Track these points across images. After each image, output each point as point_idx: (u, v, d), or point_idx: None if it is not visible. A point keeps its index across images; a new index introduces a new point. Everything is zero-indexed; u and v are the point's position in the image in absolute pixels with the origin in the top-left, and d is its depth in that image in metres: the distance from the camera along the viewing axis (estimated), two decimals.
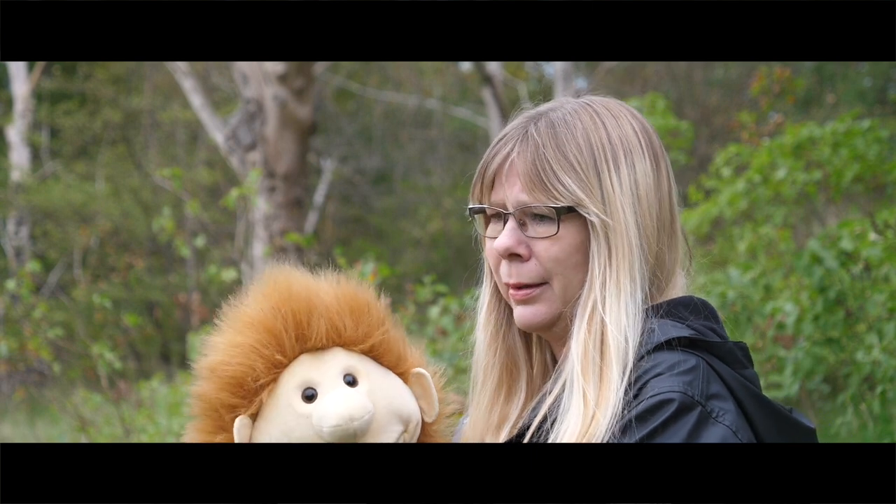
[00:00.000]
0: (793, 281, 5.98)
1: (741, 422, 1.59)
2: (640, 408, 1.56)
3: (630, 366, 1.63)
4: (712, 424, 1.56)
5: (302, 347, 1.72)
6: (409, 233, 19.67)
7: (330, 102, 19.12)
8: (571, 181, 1.67)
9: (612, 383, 1.62)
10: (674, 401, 1.55)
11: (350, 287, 1.79)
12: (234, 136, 10.24)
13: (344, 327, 1.74)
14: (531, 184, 1.69)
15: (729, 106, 15.73)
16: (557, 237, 1.69)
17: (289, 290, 1.74)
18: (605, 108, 1.74)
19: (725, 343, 1.66)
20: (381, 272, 5.56)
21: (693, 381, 1.58)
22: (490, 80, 12.42)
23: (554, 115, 1.73)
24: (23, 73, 18.88)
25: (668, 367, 1.59)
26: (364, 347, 1.76)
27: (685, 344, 1.62)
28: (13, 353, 8.11)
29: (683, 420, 1.55)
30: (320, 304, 1.73)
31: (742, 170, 7.56)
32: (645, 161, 1.71)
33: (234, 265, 10.12)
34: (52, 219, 18.17)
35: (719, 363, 1.63)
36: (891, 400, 4.88)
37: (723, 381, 1.61)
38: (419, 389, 1.79)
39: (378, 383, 1.74)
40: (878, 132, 6.79)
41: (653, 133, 1.75)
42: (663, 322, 1.65)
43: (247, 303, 1.76)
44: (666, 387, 1.57)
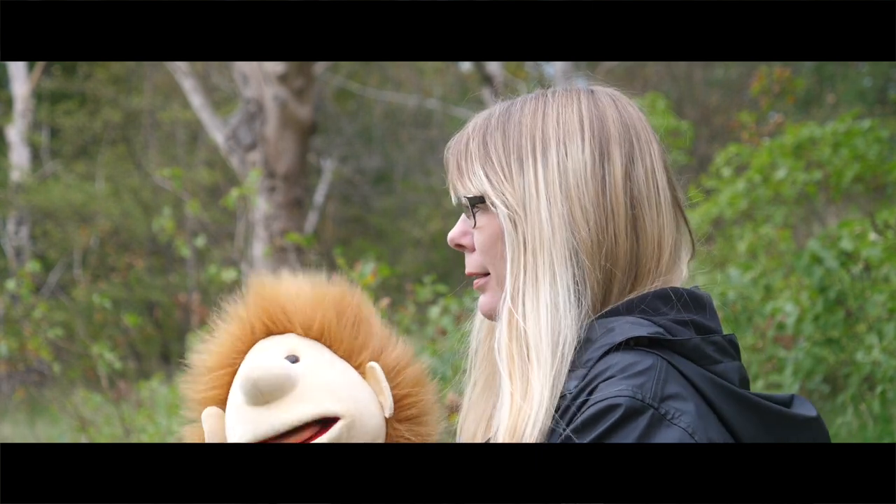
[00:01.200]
0: (793, 281, 5.98)
1: (702, 422, 1.53)
2: (586, 414, 1.52)
3: (557, 357, 1.59)
4: (666, 427, 1.50)
5: (256, 335, 1.81)
6: (409, 233, 19.68)
7: (330, 102, 19.12)
8: (482, 172, 1.67)
9: (535, 379, 1.59)
10: (619, 406, 1.50)
11: (319, 281, 1.85)
12: (234, 136, 10.24)
13: (295, 316, 1.80)
14: (456, 175, 1.72)
15: (729, 106, 15.74)
16: (478, 227, 1.69)
17: (258, 290, 1.84)
18: (561, 96, 1.70)
19: (690, 339, 1.59)
20: (381, 272, 5.56)
21: (645, 384, 1.52)
22: (490, 80, 12.43)
23: (499, 109, 1.73)
24: (23, 73, 18.89)
25: (621, 370, 1.54)
26: (313, 333, 1.80)
27: (644, 343, 1.57)
28: (13, 353, 8.11)
29: (632, 425, 1.49)
30: (280, 298, 1.81)
31: (742, 170, 7.57)
32: (583, 148, 1.64)
33: (234, 265, 10.13)
34: (52, 219, 18.17)
35: (683, 361, 1.57)
36: (891, 400, 4.88)
37: (686, 380, 1.56)
38: (374, 384, 1.80)
39: (318, 363, 1.77)
40: (878, 132, 6.79)
41: (614, 119, 1.67)
42: (628, 319, 1.60)
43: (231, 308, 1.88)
44: (613, 391, 1.51)
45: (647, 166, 1.67)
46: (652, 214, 1.65)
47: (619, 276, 1.64)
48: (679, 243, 1.70)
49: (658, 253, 1.66)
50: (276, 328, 1.80)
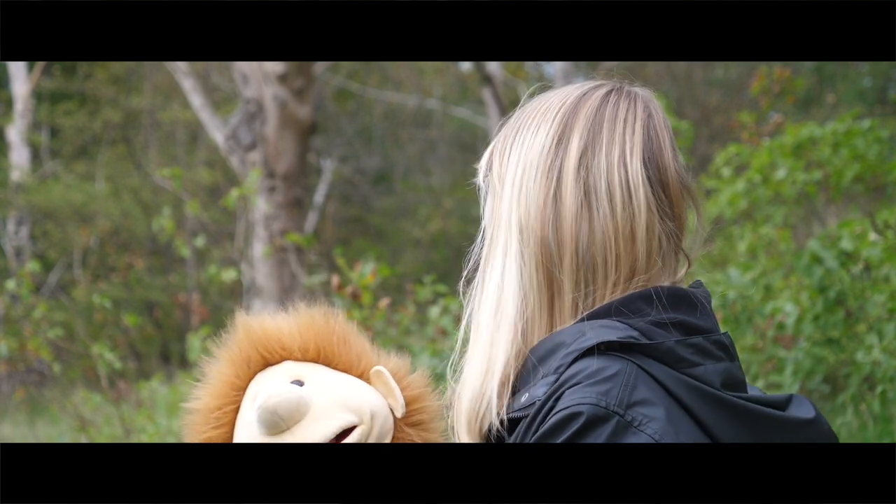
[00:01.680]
0: (793, 281, 5.98)
1: (671, 428, 1.48)
2: (549, 424, 1.49)
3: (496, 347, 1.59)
4: (632, 434, 1.46)
5: (253, 368, 1.81)
6: (409, 233, 19.67)
7: (330, 102, 19.12)
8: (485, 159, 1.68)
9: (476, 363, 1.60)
10: (581, 414, 1.46)
11: (303, 311, 1.87)
12: (234, 136, 10.24)
13: (287, 339, 1.82)
14: None
15: (729, 106, 15.74)
16: None
17: (243, 325, 1.84)
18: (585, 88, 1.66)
19: (663, 343, 1.53)
20: (381, 272, 5.56)
21: (611, 390, 1.47)
22: (490, 80, 12.43)
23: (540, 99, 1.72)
24: (23, 73, 18.89)
25: (588, 376, 1.49)
26: (310, 355, 1.82)
27: (615, 348, 1.51)
28: (13, 353, 8.12)
29: (595, 433, 1.46)
30: (267, 327, 1.83)
31: (742, 170, 7.57)
32: (547, 133, 1.60)
33: (234, 265, 10.12)
34: (52, 219, 18.17)
35: (657, 365, 1.52)
36: (891, 400, 4.88)
37: (659, 385, 1.51)
38: (382, 387, 1.82)
39: (324, 380, 1.79)
40: (878, 132, 6.79)
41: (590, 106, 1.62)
42: (602, 323, 1.55)
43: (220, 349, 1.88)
44: (576, 399, 1.47)
45: (612, 159, 1.59)
46: (611, 208, 1.57)
47: (569, 266, 1.58)
48: (664, 242, 1.61)
49: (628, 249, 1.58)
50: (272, 358, 1.81)
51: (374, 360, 1.86)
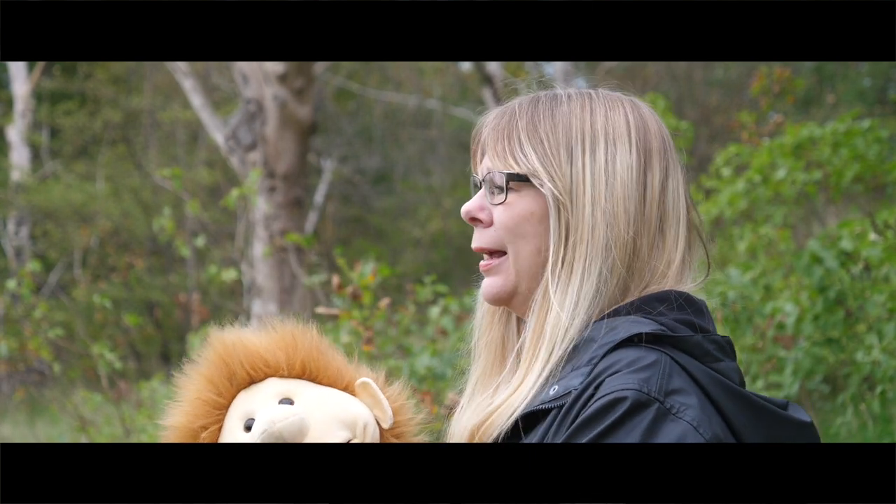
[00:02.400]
0: (793, 281, 5.98)
1: (706, 417, 1.55)
2: (593, 408, 1.53)
3: (559, 353, 1.62)
4: (671, 421, 1.51)
5: (236, 385, 1.78)
6: (409, 233, 19.67)
7: (330, 102, 19.12)
8: (532, 152, 1.68)
9: (535, 368, 1.63)
10: (626, 399, 1.52)
11: (280, 327, 1.84)
12: (234, 136, 10.24)
13: (270, 356, 1.79)
14: (494, 151, 1.72)
15: (729, 106, 15.74)
16: (507, 204, 1.70)
17: (220, 341, 1.81)
18: (606, 98, 1.73)
19: (693, 336, 1.62)
20: (381, 272, 5.56)
21: (650, 378, 1.54)
22: (490, 80, 12.43)
23: (544, 95, 1.74)
24: (23, 73, 18.88)
25: (627, 365, 1.56)
26: (295, 371, 1.80)
27: (648, 340, 1.59)
28: (13, 353, 8.12)
29: (638, 418, 1.51)
30: (246, 344, 1.80)
31: (742, 170, 7.57)
32: (630, 153, 1.68)
33: (234, 265, 10.12)
34: (52, 219, 18.17)
35: (686, 357, 1.59)
36: (891, 400, 4.88)
37: (689, 376, 1.58)
38: (368, 398, 1.81)
39: (313, 397, 1.77)
40: (878, 132, 6.79)
41: (655, 130, 1.72)
42: (629, 318, 1.63)
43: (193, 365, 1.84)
44: (619, 385, 1.53)
45: (676, 182, 1.72)
46: (674, 230, 1.70)
47: (636, 282, 1.68)
48: (687, 261, 1.73)
49: (667, 268, 1.69)
50: (257, 376, 1.79)
51: (354, 372, 1.84)
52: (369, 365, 1.90)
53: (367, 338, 5.11)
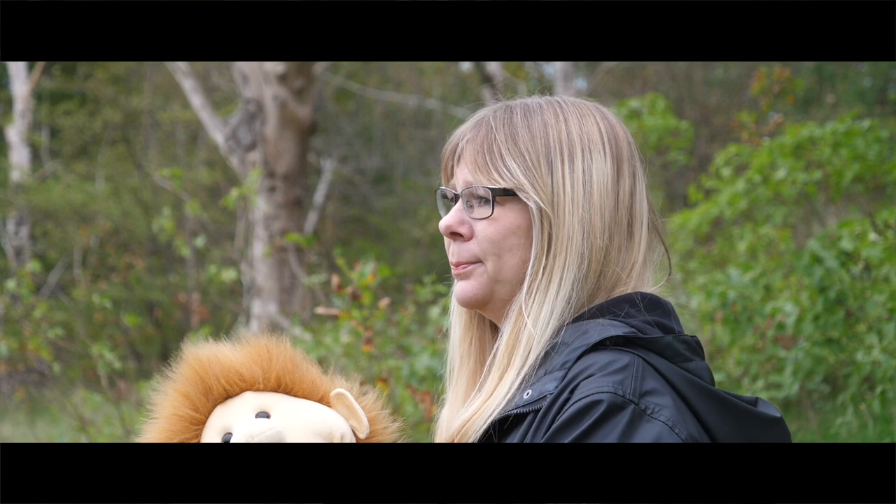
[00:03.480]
0: (793, 281, 5.98)
1: (680, 416, 1.57)
2: (570, 411, 1.55)
3: (532, 358, 1.64)
4: (647, 421, 1.54)
5: (212, 401, 1.78)
6: (409, 233, 19.66)
7: (330, 102, 19.12)
8: (516, 166, 1.70)
9: (509, 375, 1.65)
10: (602, 402, 1.54)
11: (253, 340, 1.84)
12: (234, 136, 10.24)
13: (246, 371, 1.79)
14: (475, 165, 1.73)
15: (729, 106, 15.73)
16: (493, 218, 1.71)
17: (195, 357, 1.80)
18: (575, 106, 1.75)
19: (663, 337, 1.64)
20: (381, 272, 5.56)
21: (625, 380, 1.56)
22: (490, 80, 12.43)
23: (516, 106, 1.75)
24: (23, 73, 18.88)
25: (600, 368, 1.57)
26: (271, 384, 1.80)
27: (620, 342, 1.61)
28: (13, 353, 8.12)
29: (615, 420, 1.53)
30: (221, 359, 1.80)
31: (742, 170, 7.56)
32: (605, 161, 1.71)
33: (234, 265, 10.12)
34: (52, 219, 18.16)
35: (657, 358, 1.61)
36: (891, 400, 4.88)
37: (661, 377, 1.60)
38: (343, 409, 1.81)
39: (290, 409, 1.77)
40: (878, 132, 6.79)
41: (623, 137, 1.75)
42: (599, 322, 1.65)
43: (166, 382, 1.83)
44: (595, 388, 1.55)
45: (642, 186, 1.76)
46: (640, 233, 1.73)
47: (605, 285, 1.71)
48: (647, 263, 1.76)
49: (632, 269, 1.72)
50: (233, 390, 1.78)
51: (328, 384, 1.84)
52: (368, 364, 1.91)
53: (367, 338, 5.10)
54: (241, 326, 10.11)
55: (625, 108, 7.58)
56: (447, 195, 1.79)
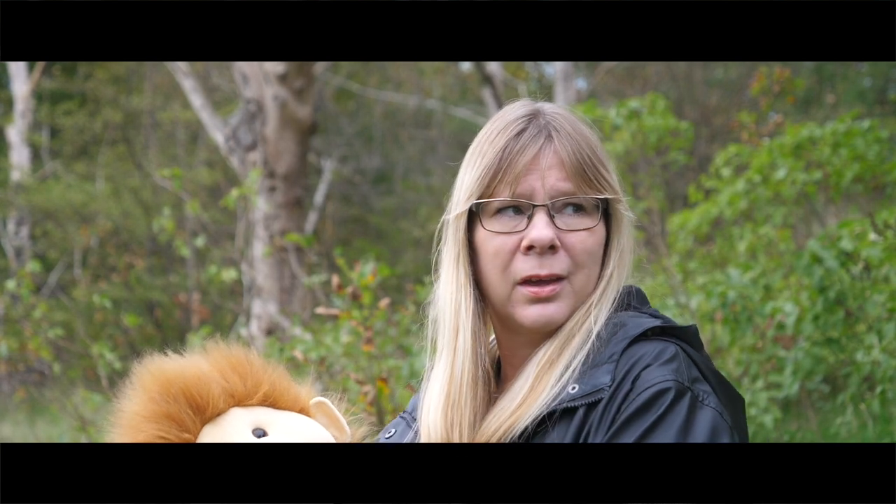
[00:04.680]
0: (793, 281, 5.98)
1: (720, 402, 1.64)
2: (640, 400, 1.60)
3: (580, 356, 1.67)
4: (700, 408, 1.60)
5: (202, 419, 1.73)
6: (409, 233, 19.65)
7: (330, 102, 19.12)
8: (612, 176, 1.75)
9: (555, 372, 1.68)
10: (670, 389, 1.59)
11: (221, 350, 1.79)
12: (234, 136, 10.24)
13: (234, 386, 1.75)
14: (575, 173, 1.69)
15: (729, 106, 15.73)
16: (594, 230, 1.71)
17: (165, 374, 1.72)
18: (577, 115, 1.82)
19: (690, 327, 1.71)
20: (381, 272, 5.56)
21: (679, 368, 1.62)
22: (490, 80, 12.42)
23: (563, 112, 1.77)
24: (23, 73, 18.88)
25: (654, 357, 1.63)
26: (258, 398, 1.77)
27: (657, 332, 1.68)
28: (13, 353, 8.12)
29: (680, 405, 1.59)
30: (202, 374, 1.74)
31: (742, 170, 7.56)
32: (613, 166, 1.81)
33: (234, 265, 10.12)
34: (52, 219, 18.16)
35: (688, 347, 1.69)
36: (891, 400, 4.88)
37: (695, 364, 1.67)
38: (324, 418, 1.81)
39: (284, 425, 1.76)
40: (878, 132, 6.79)
41: None
42: (625, 314, 1.71)
43: (130, 403, 1.74)
44: (659, 377, 1.61)
45: None
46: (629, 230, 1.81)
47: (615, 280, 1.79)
48: None
49: None
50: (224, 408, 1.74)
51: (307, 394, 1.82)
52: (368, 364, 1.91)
53: (367, 338, 5.10)
54: (240, 326, 10.11)
55: (625, 108, 7.58)
56: (515, 206, 1.70)
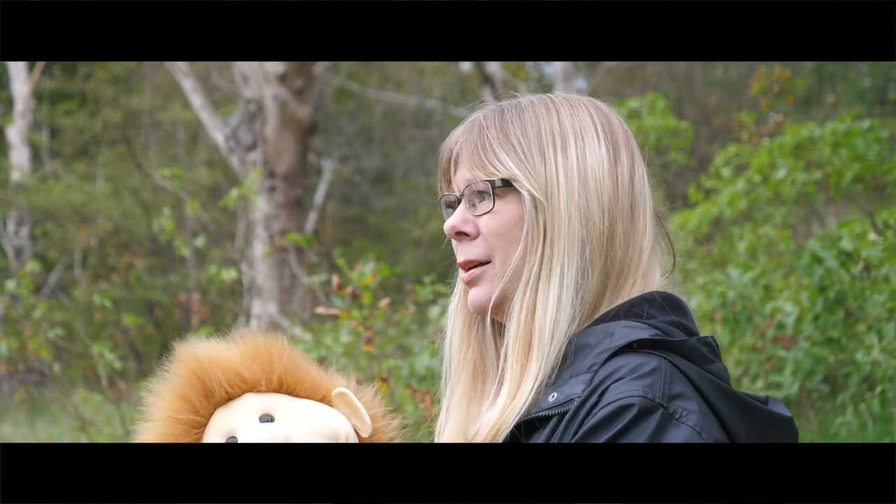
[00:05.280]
0: (793, 281, 5.98)
1: (707, 421, 1.57)
2: (600, 415, 1.54)
3: (552, 353, 1.63)
4: (675, 426, 1.53)
5: (213, 403, 1.74)
6: (409, 233, 19.66)
7: (330, 102, 19.12)
8: (508, 157, 1.70)
9: (530, 373, 1.63)
10: (633, 405, 1.53)
11: (251, 338, 1.80)
12: (234, 136, 10.25)
13: (247, 372, 1.76)
14: (471, 162, 1.74)
15: (729, 106, 15.74)
16: (495, 212, 1.71)
17: (193, 357, 1.76)
18: (566, 99, 1.76)
19: (688, 340, 1.63)
20: (381, 272, 5.56)
21: (654, 384, 1.55)
22: (490, 80, 12.43)
23: (507, 105, 1.76)
24: (23, 73, 18.89)
25: (629, 371, 1.57)
26: (273, 385, 1.77)
27: (646, 345, 1.60)
28: (13, 353, 8.12)
29: (644, 424, 1.53)
30: (221, 360, 1.76)
31: (742, 170, 7.57)
32: (599, 145, 1.71)
33: (234, 265, 10.13)
34: (52, 219, 18.17)
35: (684, 361, 1.61)
36: (891, 400, 4.88)
37: (688, 380, 1.59)
38: (345, 408, 1.79)
39: (294, 411, 1.76)
40: (878, 132, 6.79)
41: (617, 124, 1.75)
42: (622, 323, 1.64)
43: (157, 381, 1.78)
44: (625, 392, 1.55)
45: (642, 173, 1.75)
46: (644, 218, 1.72)
47: (614, 275, 1.69)
48: (655, 250, 1.74)
49: (640, 256, 1.71)
50: (234, 392, 1.75)
51: (329, 382, 1.81)
52: (368, 364, 1.90)
53: (367, 338, 5.10)
54: (241, 326, 10.12)
55: (625, 108, 7.58)
56: (450, 201, 1.79)
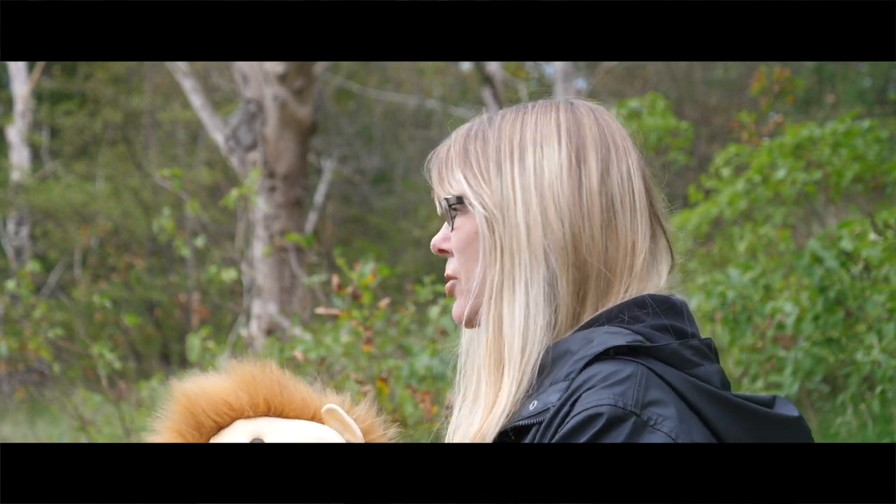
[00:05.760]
0: (793, 281, 5.98)
1: (685, 427, 1.54)
2: (570, 425, 1.53)
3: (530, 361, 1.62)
4: (649, 433, 1.51)
5: (205, 434, 1.77)
6: (409, 233, 19.67)
7: (330, 102, 19.13)
8: (461, 175, 1.70)
9: (504, 384, 1.63)
10: (602, 415, 1.51)
11: (240, 367, 1.82)
12: (234, 136, 10.25)
13: (234, 400, 1.77)
14: (438, 179, 1.76)
15: (729, 106, 15.74)
16: (456, 228, 1.72)
17: (182, 392, 1.79)
18: (542, 106, 1.73)
19: (669, 345, 1.60)
20: (381, 272, 5.56)
21: (626, 391, 1.53)
22: (490, 80, 12.43)
23: (479, 120, 1.76)
24: (23, 73, 18.89)
25: (602, 379, 1.55)
26: (260, 409, 1.78)
27: (624, 352, 1.58)
28: (13, 353, 8.12)
29: (615, 433, 1.51)
30: (208, 391, 1.78)
31: (742, 170, 7.58)
32: (559, 152, 1.67)
33: (234, 265, 10.14)
34: (52, 219, 18.17)
35: (663, 367, 1.58)
36: (891, 400, 4.88)
37: (668, 386, 1.57)
38: (337, 424, 1.80)
39: (283, 432, 1.76)
40: (878, 132, 6.80)
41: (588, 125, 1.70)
42: (605, 329, 1.62)
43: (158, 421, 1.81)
44: (594, 401, 1.53)
45: (622, 172, 1.69)
46: (626, 218, 1.67)
47: (594, 279, 1.66)
48: (655, 252, 1.71)
49: (632, 259, 1.67)
50: (223, 421, 1.77)
51: (319, 400, 1.82)
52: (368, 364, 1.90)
53: (367, 338, 5.11)
54: (241, 326, 10.12)
55: (625, 109, 7.58)
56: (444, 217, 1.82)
